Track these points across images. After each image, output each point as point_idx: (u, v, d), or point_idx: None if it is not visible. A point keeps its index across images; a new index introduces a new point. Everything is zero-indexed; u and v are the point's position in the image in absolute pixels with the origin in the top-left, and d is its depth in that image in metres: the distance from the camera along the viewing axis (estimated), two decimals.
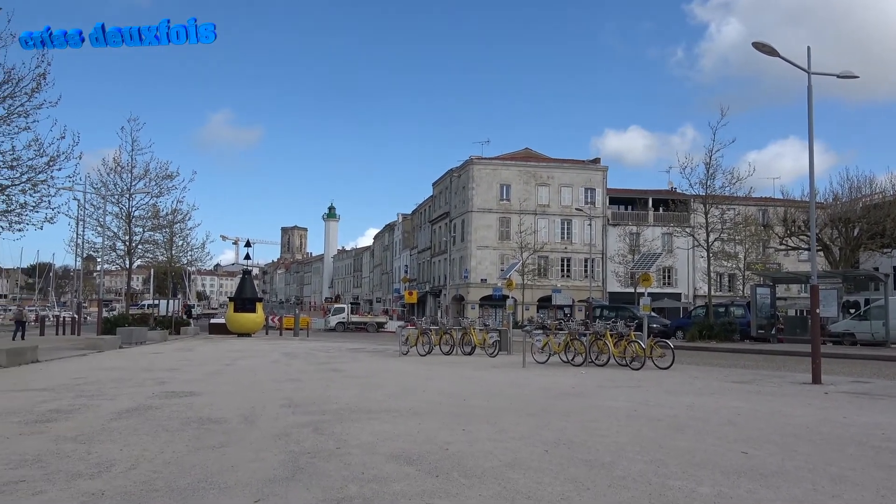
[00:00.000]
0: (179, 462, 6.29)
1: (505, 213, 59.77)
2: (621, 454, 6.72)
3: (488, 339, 21.39)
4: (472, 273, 59.09)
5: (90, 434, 7.64)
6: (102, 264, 38.41)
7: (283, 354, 22.30)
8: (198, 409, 9.68)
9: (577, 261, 60.32)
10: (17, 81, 18.06)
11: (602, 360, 17.66)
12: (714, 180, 32.33)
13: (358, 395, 11.52)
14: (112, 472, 5.87)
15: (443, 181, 69.88)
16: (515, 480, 5.63)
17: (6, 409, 9.58)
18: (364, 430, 7.94)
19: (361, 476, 5.75)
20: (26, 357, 17.75)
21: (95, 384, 12.84)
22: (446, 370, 16.56)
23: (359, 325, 55.50)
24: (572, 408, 10.10)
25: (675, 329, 35.35)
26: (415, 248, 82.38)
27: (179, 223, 38.00)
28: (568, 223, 60.81)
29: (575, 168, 62.62)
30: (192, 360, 19.73)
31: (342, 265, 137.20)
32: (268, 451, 6.81)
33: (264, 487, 5.40)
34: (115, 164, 32.94)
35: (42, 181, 19.18)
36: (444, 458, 6.44)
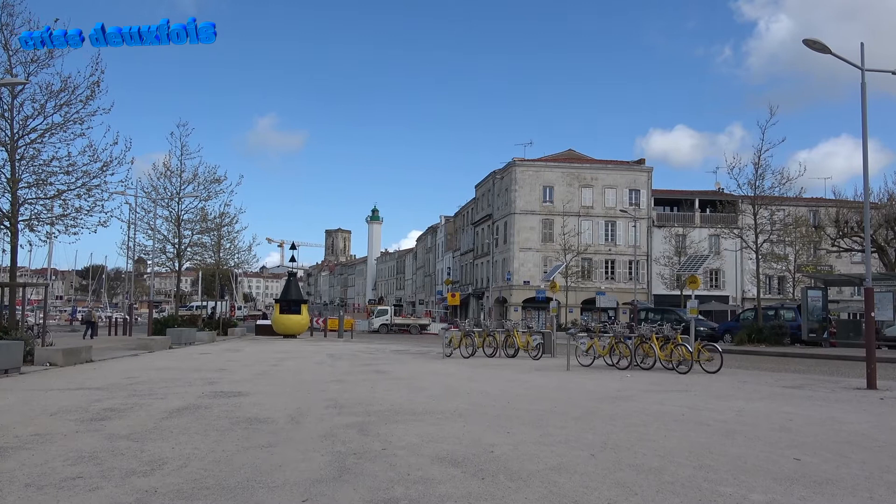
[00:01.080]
0: (229, 461, 6.40)
1: (548, 214, 59.43)
2: (669, 459, 6.62)
3: (532, 341, 21.27)
4: (515, 275, 58.87)
5: (143, 432, 7.83)
6: (153, 266, 39.31)
7: (327, 356, 22.52)
8: (246, 408, 9.84)
9: (622, 263, 59.64)
10: (73, 90, 18.64)
11: (648, 363, 17.43)
12: (763, 180, 31.64)
13: (402, 396, 11.57)
14: (164, 470, 6.00)
15: (485, 183, 69.80)
16: (562, 484, 5.59)
17: (63, 407, 9.87)
18: (409, 432, 7.97)
19: (407, 477, 5.78)
20: (81, 357, 18.26)
21: (147, 384, 13.15)
22: (490, 372, 16.53)
23: (402, 327, 55.78)
24: (618, 412, 9.98)
25: (722, 332, 34.68)
26: (457, 251, 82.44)
27: (227, 226, 38.76)
28: (612, 225, 60.18)
29: (619, 169, 61.95)
30: (239, 360, 20.05)
31: (385, 267, 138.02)
32: (314, 451, 6.89)
33: (312, 487, 5.46)
34: (164, 169, 33.76)
35: (96, 186, 19.72)
36: (489, 461, 6.43)
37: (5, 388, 12.32)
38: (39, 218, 19.29)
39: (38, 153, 18.67)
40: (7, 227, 18.32)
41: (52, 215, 19.50)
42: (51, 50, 17.93)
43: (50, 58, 18.11)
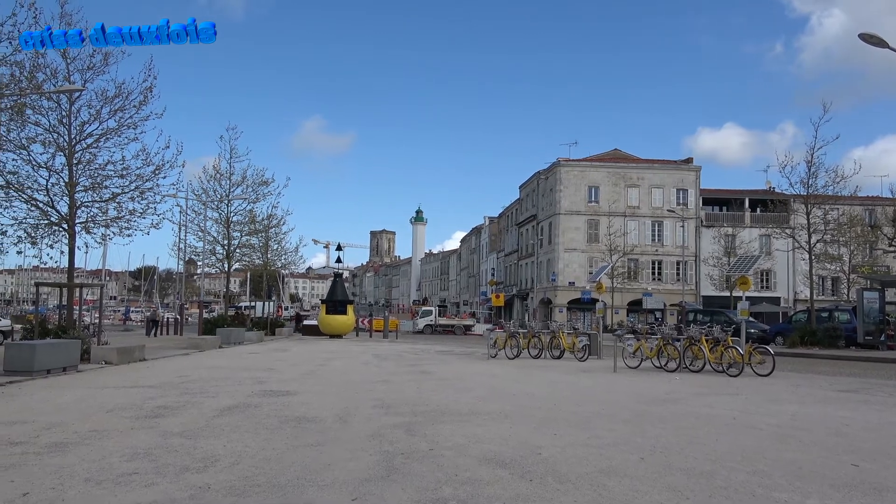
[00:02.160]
0: (279, 459, 6.50)
1: (593, 215, 58.85)
2: (721, 463, 6.50)
3: (578, 342, 21.08)
4: (560, 276, 58.45)
5: (195, 430, 7.99)
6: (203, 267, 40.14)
7: (373, 356, 22.68)
8: (294, 407, 9.97)
9: (669, 263, 58.73)
10: (127, 95, 19.09)
11: (697, 365, 17.11)
12: (816, 179, 30.81)
13: (448, 397, 11.58)
14: (217, 467, 6.12)
15: (530, 184, 69.47)
16: (611, 488, 5.53)
17: (119, 404, 10.15)
18: (455, 433, 7.98)
19: (455, 478, 5.78)
20: (134, 355, 18.74)
21: (198, 382, 13.42)
22: (535, 374, 16.44)
23: (446, 328, 55.86)
24: (667, 414, 9.83)
25: (774, 334, 33.88)
26: (501, 251, 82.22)
27: (274, 228, 39.35)
28: (659, 225, 59.31)
29: (666, 168, 61.02)
30: (287, 360, 20.33)
31: (429, 268, 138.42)
32: (362, 450, 6.95)
33: (360, 486, 5.50)
34: (214, 172, 34.45)
35: (149, 189, 20.14)
36: (536, 463, 6.40)
37: (64, 386, 12.72)
38: (95, 220, 19.82)
39: (94, 157, 19.19)
40: (65, 230, 18.87)
41: (107, 218, 20.01)
42: (106, 56, 18.45)
43: (105, 64, 18.61)
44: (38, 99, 17.57)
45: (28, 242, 19.10)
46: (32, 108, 17.61)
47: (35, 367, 14.15)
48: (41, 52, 17.04)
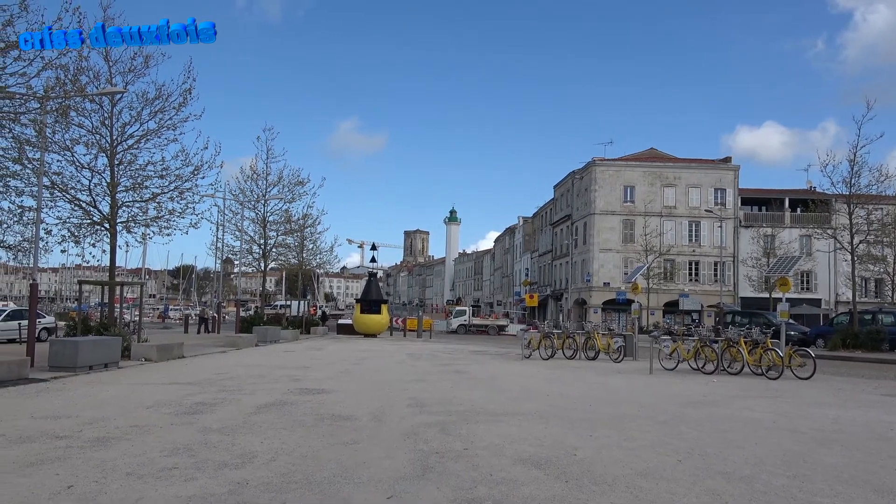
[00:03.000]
0: (315, 456, 6.55)
1: (629, 215, 58.27)
2: (761, 467, 6.39)
3: (613, 343, 20.90)
4: (595, 276, 58.00)
5: (233, 426, 8.11)
6: (240, 266, 40.64)
7: (407, 355, 22.75)
8: (330, 405, 10.05)
9: (707, 264, 57.89)
10: (167, 97, 19.44)
11: (735, 368, 16.85)
12: (859, 178, 30.07)
13: (482, 396, 11.57)
14: (255, 464, 6.20)
15: (564, 183, 69.04)
16: (648, 490, 5.47)
17: (159, 400, 10.33)
18: (490, 432, 7.97)
19: (490, 478, 5.78)
20: (173, 353, 19.06)
21: (236, 380, 13.60)
22: (570, 374, 16.34)
23: (480, 328, 55.79)
24: (705, 417, 9.70)
25: (815, 337, 33.18)
26: (535, 251, 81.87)
27: (310, 227, 39.69)
28: (696, 225, 58.47)
29: (704, 168, 60.14)
30: (322, 358, 20.50)
31: (463, 268, 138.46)
32: (397, 449, 6.98)
33: (396, 485, 5.53)
34: (251, 172, 34.86)
35: (188, 189, 20.48)
36: (572, 464, 6.36)
37: (105, 382, 12.99)
38: (136, 220, 20.21)
39: (135, 158, 19.58)
40: (107, 229, 19.28)
41: (147, 217, 20.37)
42: (146, 59, 18.81)
43: (146, 67, 18.97)
44: (81, 101, 17.97)
45: (71, 241, 19.54)
46: (76, 111, 18.03)
47: (78, 364, 14.48)
48: (85, 55, 17.46)
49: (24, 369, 13.26)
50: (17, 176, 15.83)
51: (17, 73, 12.81)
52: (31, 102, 13.74)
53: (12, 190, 16.31)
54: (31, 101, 13.75)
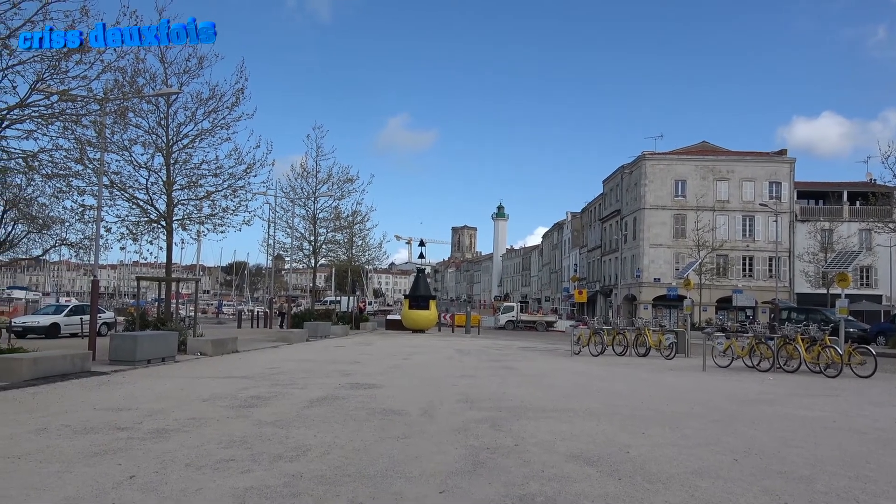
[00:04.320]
0: (367, 450, 6.62)
1: (680, 209, 57.23)
2: (821, 468, 6.23)
3: (664, 340, 20.59)
4: (645, 272, 57.17)
5: (287, 420, 8.24)
6: (291, 263, 41.23)
7: (456, 351, 22.79)
8: (380, 400, 10.14)
9: (761, 259, 56.52)
10: (220, 97, 19.83)
11: (792, 365, 16.44)
12: None
13: (532, 393, 11.53)
14: (308, 457, 6.30)
15: (613, 178, 68.20)
16: (704, 489, 5.38)
17: (215, 394, 10.57)
18: (541, 429, 7.94)
19: (542, 474, 5.76)
20: (228, 347, 19.47)
21: (288, 374, 13.82)
22: (621, 371, 16.16)
23: (528, 324, 55.51)
24: (761, 415, 9.48)
25: (875, 334, 32.14)
26: (584, 247, 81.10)
27: (359, 224, 40.03)
28: (750, 219, 57.12)
29: (758, 161, 58.70)
30: (371, 354, 20.68)
31: (511, 264, 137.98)
32: (448, 444, 7.00)
33: (448, 479, 5.55)
34: (302, 170, 35.33)
35: (241, 187, 20.88)
36: (625, 461, 6.30)
37: (163, 375, 13.34)
38: (191, 217, 20.71)
39: (190, 157, 20.03)
40: (163, 227, 19.78)
41: (201, 215, 20.85)
42: (201, 60, 19.21)
43: (199, 67, 19.38)
44: (138, 102, 18.47)
45: (130, 239, 20.11)
46: (134, 112, 18.54)
47: (137, 357, 14.92)
48: (141, 57, 17.92)
49: (86, 362, 13.71)
50: (78, 176, 16.34)
51: (78, 77, 13.23)
52: (91, 104, 14.17)
53: (74, 189, 16.85)
54: (92, 103, 14.18)
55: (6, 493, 4.99)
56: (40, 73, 12.91)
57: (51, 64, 12.88)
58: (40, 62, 12.84)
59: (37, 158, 13.77)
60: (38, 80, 12.92)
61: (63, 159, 14.48)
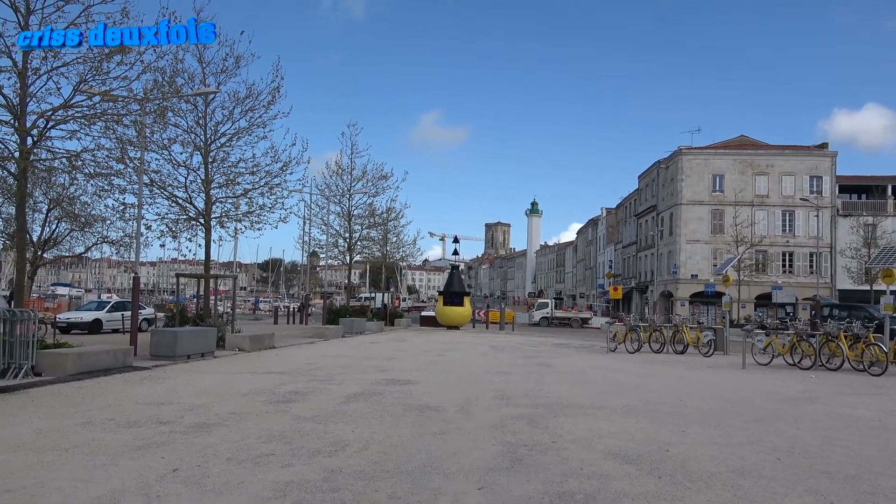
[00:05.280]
0: (405, 446, 6.65)
1: (718, 204, 56.39)
2: (868, 468, 6.09)
3: (702, 337, 20.31)
4: (682, 268, 56.46)
5: (325, 415, 8.31)
6: (326, 259, 41.56)
7: (490, 347, 22.76)
8: (417, 396, 10.17)
9: (801, 255, 55.43)
10: (257, 96, 20.07)
11: (834, 363, 16.10)
12: None
13: (569, 390, 11.46)
14: (347, 452, 6.34)
15: (649, 173, 67.44)
16: (747, 488, 5.30)
17: (254, 389, 10.71)
18: (578, 426, 7.88)
19: (580, 472, 5.72)
20: (265, 343, 19.70)
21: (325, 370, 13.94)
22: (658, 369, 15.99)
23: (562, 321, 55.21)
24: (804, 414, 9.30)
25: None
26: (619, 243, 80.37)
27: (393, 221, 40.20)
28: (790, 214, 56.04)
29: (798, 154, 57.54)
30: (406, 350, 20.75)
31: (545, 260, 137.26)
32: (485, 440, 6.99)
33: (486, 476, 5.54)
34: (336, 167, 35.58)
35: (277, 184, 21.12)
36: (665, 460, 6.23)
37: (203, 371, 13.55)
38: (228, 215, 20.98)
39: (227, 156, 20.31)
40: (202, 224, 20.09)
41: (239, 212, 21.12)
42: (237, 60, 19.44)
43: (236, 67, 19.62)
44: (177, 102, 18.75)
45: (169, 236, 20.45)
46: (173, 111, 18.83)
47: (177, 353, 15.18)
48: (180, 58, 18.19)
49: (128, 358, 13.99)
50: (120, 174, 16.67)
51: (119, 77, 13.49)
52: (132, 104, 14.44)
53: (116, 188, 17.20)
54: (133, 103, 14.45)
55: (56, 484, 5.11)
56: (83, 74, 13.18)
57: (93, 65, 13.15)
58: (83, 64, 13.12)
59: (80, 158, 14.05)
60: (80, 81, 13.19)
61: (105, 158, 14.77)
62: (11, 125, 12.81)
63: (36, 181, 20.05)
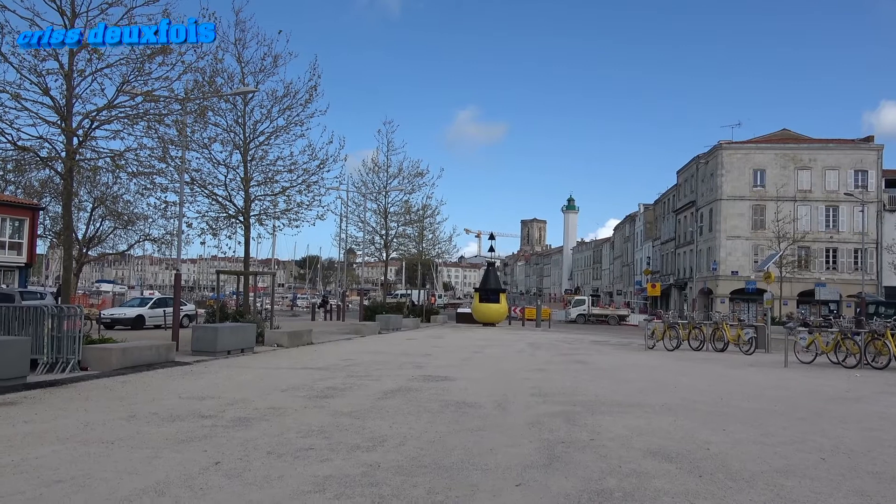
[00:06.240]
0: (442, 442, 6.67)
1: (759, 200, 55.32)
2: None
3: (743, 335, 19.99)
4: (722, 265, 55.56)
5: (362, 411, 8.38)
6: (363, 256, 41.84)
7: (527, 344, 22.70)
8: (453, 393, 10.19)
9: (846, 251, 54.13)
10: (294, 94, 20.30)
11: (881, 362, 15.71)
12: None
13: (607, 387, 11.38)
14: (385, 447, 6.39)
15: (688, 168, 66.48)
16: (790, 489, 5.20)
17: (293, 385, 10.84)
18: (616, 424, 7.82)
19: (619, 470, 5.68)
20: (303, 339, 19.92)
21: (362, 366, 14.05)
22: (697, 366, 15.78)
23: (599, 318, 54.82)
24: (849, 413, 9.10)
25: None
26: (657, 239, 79.40)
27: (429, 218, 40.32)
28: (834, 210, 54.77)
29: (842, 148, 56.17)
30: (443, 346, 20.80)
31: (581, 257, 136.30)
32: (522, 437, 6.98)
33: (524, 473, 5.54)
34: (373, 165, 35.80)
35: (314, 182, 21.35)
36: (705, 458, 6.15)
37: (243, 366, 13.76)
38: (267, 213, 21.27)
39: (266, 154, 20.60)
40: (241, 222, 20.38)
41: (277, 210, 21.39)
42: (275, 59, 19.68)
43: (274, 66, 19.87)
44: (217, 102, 19.04)
45: (210, 234, 20.80)
46: (213, 111, 19.14)
47: (217, 348, 15.43)
48: (219, 58, 18.47)
49: (170, 353, 14.28)
50: (161, 173, 17.01)
51: (161, 78, 13.76)
52: (173, 104, 14.71)
53: (158, 186, 17.56)
54: (174, 103, 14.72)
55: (102, 475, 5.24)
56: (126, 75, 13.48)
57: (135, 66, 13.43)
58: (126, 65, 13.41)
59: (123, 157, 14.37)
60: (123, 82, 13.49)
61: (147, 158, 15.09)
62: (58, 126, 13.15)
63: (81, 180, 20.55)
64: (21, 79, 12.59)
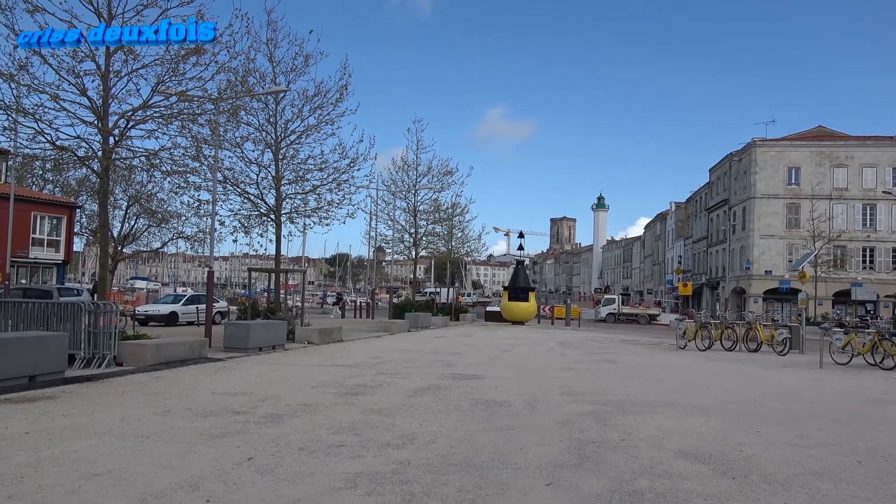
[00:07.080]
0: (472, 440, 6.68)
1: (793, 198, 54.40)
2: None
3: (777, 335, 19.68)
4: (755, 264, 54.76)
5: (392, 408, 8.42)
6: (392, 254, 41.99)
7: (557, 343, 22.60)
8: (483, 391, 10.19)
9: (884, 251, 53.00)
10: (325, 94, 20.41)
11: None
12: None
13: (637, 387, 11.29)
14: (415, 445, 6.42)
15: (721, 166, 65.62)
16: (825, 492, 5.13)
17: (323, 382, 10.93)
18: (648, 424, 7.77)
19: (650, 470, 5.64)
20: (333, 336, 20.05)
21: (391, 363, 14.11)
22: (730, 367, 15.58)
23: (629, 317, 54.35)
24: (886, 416, 8.93)
25: None
26: (689, 238, 78.51)
27: (458, 216, 40.31)
28: (871, 208, 53.64)
29: (880, 145, 55.00)
30: (472, 345, 20.79)
31: (611, 255, 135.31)
32: (552, 436, 6.97)
33: (554, 472, 5.53)
34: (402, 163, 35.89)
35: (345, 181, 21.47)
36: (738, 460, 6.08)
37: (275, 363, 13.90)
38: (298, 211, 21.43)
39: (297, 153, 20.75)
40: (272, 220, 20.57)
41: (308, 208, 21.54)
42: (307, 59, 19.80)
43: (305, 66, 19.99)
44: (249, 101, 19.24)
45: (242, 232, 21.03)
46: (245, 110, 19.33)
47: (249, 345, 15.61)
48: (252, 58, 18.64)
49: (203, 349, 14.47)
50: (195, 172, 17.22)
51: (195, 78, 13.94)
52: (206, 104, 14.89)
53: (191, 185, 17.80)
54: (207, 102, 14.90)
55: (138, 469, 5.34)
56: (160, 75, 13.68)
57: (170, 67, 13.62)
58: (160, 65, 13.61)
59: (157, 156, 14.59)
60: (158, 82, 13.69)
61: (181, 157, 15.27)
62: (95, 125, 13.39)
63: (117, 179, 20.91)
64: (60, 80, 12.86)
